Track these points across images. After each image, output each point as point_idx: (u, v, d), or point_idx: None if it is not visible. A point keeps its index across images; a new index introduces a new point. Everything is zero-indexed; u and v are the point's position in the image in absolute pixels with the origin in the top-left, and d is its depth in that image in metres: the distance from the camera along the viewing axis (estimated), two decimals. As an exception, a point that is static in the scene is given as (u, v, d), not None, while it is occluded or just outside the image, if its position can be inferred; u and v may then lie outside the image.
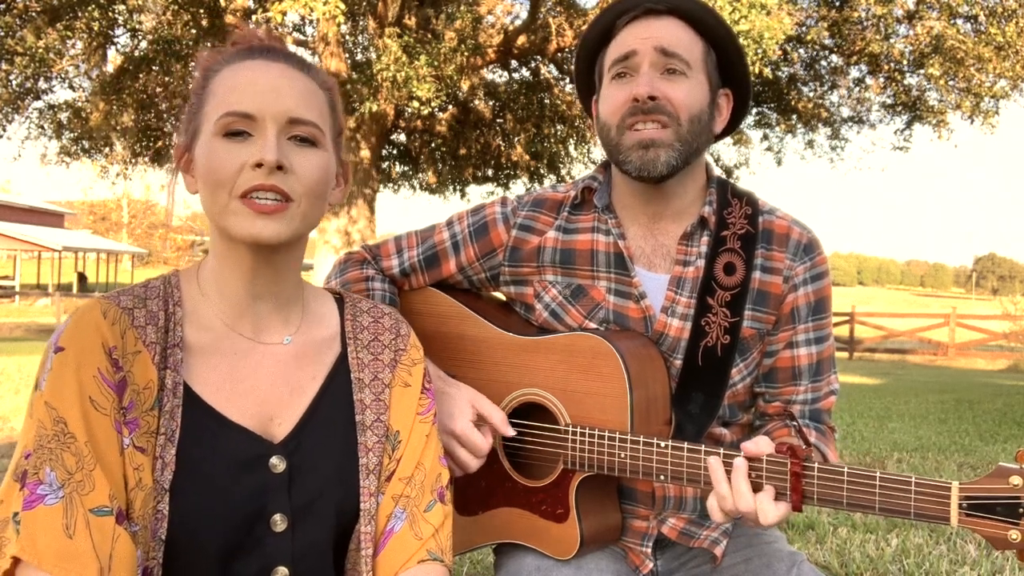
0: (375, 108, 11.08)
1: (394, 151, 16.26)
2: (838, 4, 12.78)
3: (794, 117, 14.93)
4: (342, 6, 9.24)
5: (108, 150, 14.57)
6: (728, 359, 1.49)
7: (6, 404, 6.85)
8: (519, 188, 16.40)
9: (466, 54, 11.23)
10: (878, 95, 14.32)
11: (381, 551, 1.20)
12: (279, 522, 1.13)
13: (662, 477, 1.36)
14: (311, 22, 13.06)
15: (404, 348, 1.30)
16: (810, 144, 15.72)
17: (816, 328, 1.54)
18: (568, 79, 13.98)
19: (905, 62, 13.11)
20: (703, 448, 1.33)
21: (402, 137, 15.83)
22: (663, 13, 1.48)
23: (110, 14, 11.52)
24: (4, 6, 11.40)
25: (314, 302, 1.27)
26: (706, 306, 1.49)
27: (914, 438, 6.52)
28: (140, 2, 11.20)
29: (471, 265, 1.63)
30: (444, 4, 12.30)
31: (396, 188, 17.53)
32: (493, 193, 16.62)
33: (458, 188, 17.08)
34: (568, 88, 14.10)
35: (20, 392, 7.54)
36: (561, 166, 15.89)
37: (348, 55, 13.03)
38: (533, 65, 14.69)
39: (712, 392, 1.49)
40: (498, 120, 15.30)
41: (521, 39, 13.02)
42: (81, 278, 38.08)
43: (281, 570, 1.13)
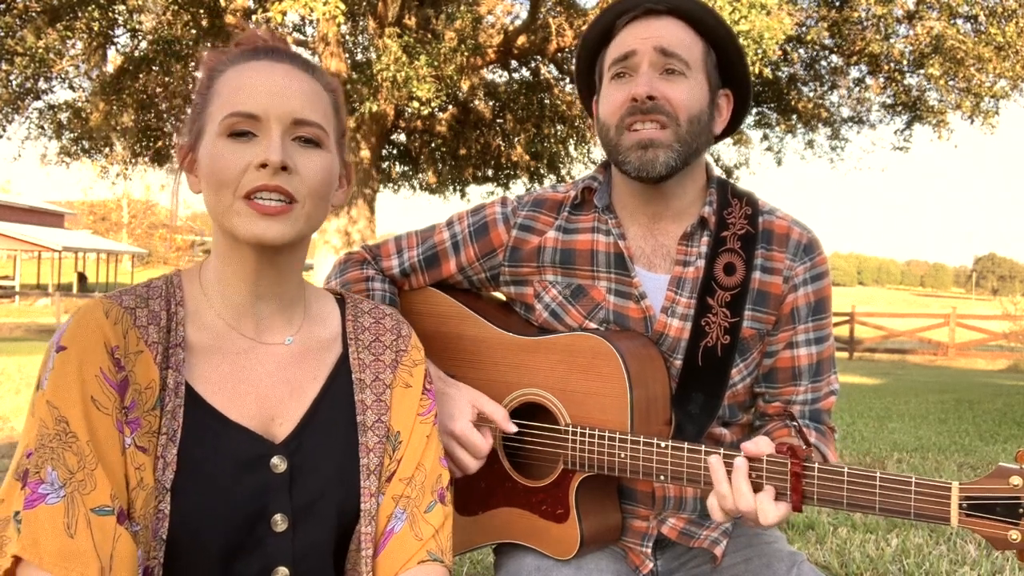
0: (375, 108, 11.09)
1: (394, 151, 16.27)
2: (838, 4, 12.78)
3: (794, 117, 14.93)
4: (342, 6, 9.24)
5: (108, 150, 14.57)
6: (728, 359, 1.49)
7: (6, 404, 6.84)
8: (519, 188, 16.40)
9: (466, 54, 11.24)
10: (878, 95, 14.32)
11: (381, 552, 1.20)
12: (280, 522, 1.13)
13: (662, 477, 1.36)
14: (311, 22, 13.06)
15: (405, 349, 1.30)
16: (810, 144, 15.74)
17: (816, 328, 1.54)
18: (568, 79, 13.98)
19: (905, 62, 13.11)
20: (703, 448, 1.33)
21: (402, 137, 15.84)
22: (663, 13, 1.48)
23: (110, 14, 11.53)
24: (4, 6, 11.40)
25: (316, 303, 1.28)
26: (706, 306, 1.49)
27: (914, 438, 6.51)
28: (140, 2, 11.20)
29: (471, 265, 1.63)
30: (444, 4, 12.31)
31: (396, 188, 17.55)
32: (493, 193, 16.62)
33: (458, 188, 17.08)
34: (568, 88, 14.10)
35: (20, 392, 7.53)
36: (561, 166, 15.89)
37: (348, 55, 13.03)
38: (533, 65, 14.69)
39: (712, 392, 1.49)
40: (498, 120, 15.30)
41: (521, 39, 13.02)
42: (81, 278, 38.08)
43: (282, 570, 1.13)
